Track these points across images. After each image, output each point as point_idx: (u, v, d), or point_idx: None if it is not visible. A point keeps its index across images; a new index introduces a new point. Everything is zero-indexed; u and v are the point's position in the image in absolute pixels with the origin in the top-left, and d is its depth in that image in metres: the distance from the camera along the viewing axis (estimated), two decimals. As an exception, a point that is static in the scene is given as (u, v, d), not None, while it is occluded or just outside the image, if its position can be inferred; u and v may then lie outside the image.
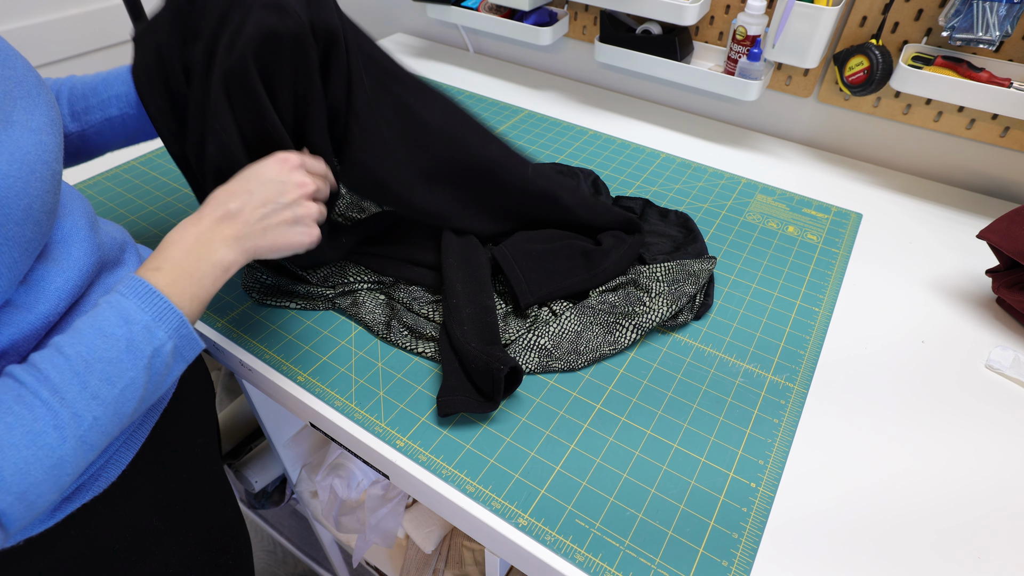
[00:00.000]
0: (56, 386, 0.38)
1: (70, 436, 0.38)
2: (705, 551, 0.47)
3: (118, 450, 0.50)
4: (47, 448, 0.37)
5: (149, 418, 0.54)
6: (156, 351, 0.42)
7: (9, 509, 0.36)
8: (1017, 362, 0.63)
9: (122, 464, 0.50)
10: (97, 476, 0.49)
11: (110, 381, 0.40)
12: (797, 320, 0.68)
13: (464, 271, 0.66)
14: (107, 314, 0.41)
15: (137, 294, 0.42)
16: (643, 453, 0.54)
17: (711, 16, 0.98)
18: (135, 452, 0.52)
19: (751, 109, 1.04)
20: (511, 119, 1.05)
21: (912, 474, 0.53)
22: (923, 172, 0.94)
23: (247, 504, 1.26)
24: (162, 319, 0.42)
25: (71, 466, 0.38)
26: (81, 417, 0.38)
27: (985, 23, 0.73)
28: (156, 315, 0.42)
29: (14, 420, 0.36)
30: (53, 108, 0.45)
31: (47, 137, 0.42)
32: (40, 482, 0.37)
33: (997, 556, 0.48)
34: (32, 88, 0.44)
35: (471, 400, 0.56)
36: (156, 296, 0.43)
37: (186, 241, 0.46)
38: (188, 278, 0.45)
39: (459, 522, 0.53)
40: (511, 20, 1.11)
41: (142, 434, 0.53)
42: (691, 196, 0.87)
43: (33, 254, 0.41)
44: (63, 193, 0.51)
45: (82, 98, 0.60)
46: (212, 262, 0.46)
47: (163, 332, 0.42)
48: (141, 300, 0.42)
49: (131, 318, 0.41)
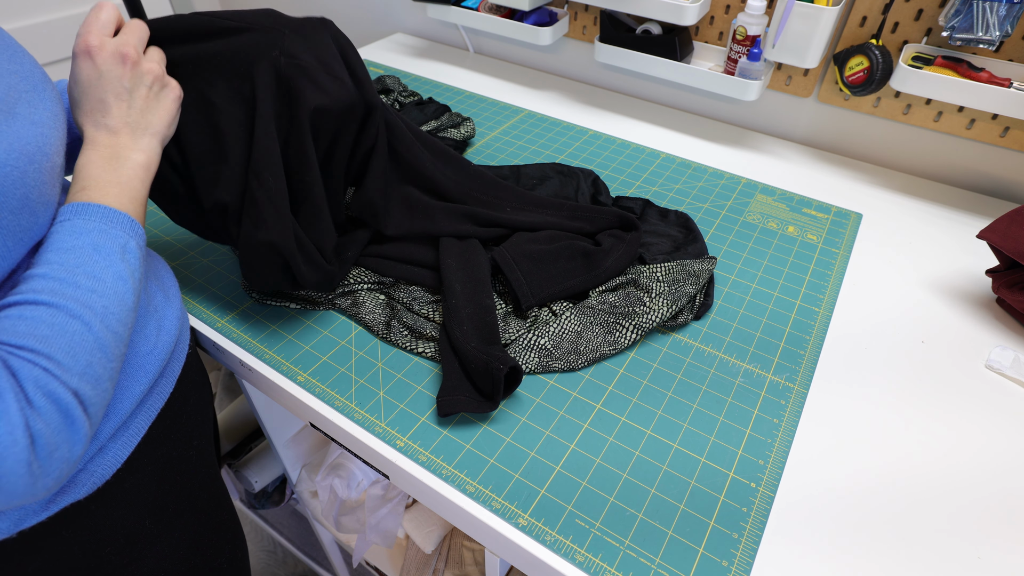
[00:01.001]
0: (53, 291, 0.39)
1: (92, 322, 0.40)
2: (705, 551, 0.47)
3: (108, 443, 0.50)
4: (79, 335, 0.39)
5: (144, 417, 0.53)
6: (123, 247, 0.44)
7: (80, 388, 0.38)
8: (1017, 362, 0.63)
9: (116, 462, 0.50)
10: (90, 471, 0.48)
11: (97, 277, 0.41)
12: (797, 320, 0.68)
13: (463, 271, 0.66)
14: (58, 236, 0.42)
15: (76, 213, 0.44)
16: (643, 453, 0.54)
17: (711, 16, 0.98)
18: (130, 451, 0.51)
19: (751, 109, 1.04)
20: (511, 119, 1.05)
21: (912, 474, 0.53)
22: (923, 172, 0.94)
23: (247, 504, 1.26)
24: (111, 221, 0.44)
25: (109, 350, 0.41)
26: (92, 307, 0.40)
27: (985, 23, 0.73)
28: (103, 219, 0.44)
29: (33, 322, 0.37)
30: (57, 104, 0.46)
31: (49, 131, 0.43)
32: (91, 363, 0.39)
33: (997, 557, 0.48)
34: (38, 83, 0.45)
35: (471, 400, 0.56)
36: (94, 207, 0.44)
37: (95, 160, 0.47)
38: (116, 186, 0.46)
39: (459, 522, 0.53)
40: (511, 20, 1.11)
41: (136, 432, 0.52)
42: (691, 196, 0.87)
43: (28, 244, 0.42)
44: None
45: None
46: (131, 165, 0.48)
47: (119, 232, 0.44)
48: (83, 216, 0.44)
49: (80, 230, 0.43)
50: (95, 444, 0.48)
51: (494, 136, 1.00)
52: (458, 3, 1.15)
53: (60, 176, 0.45)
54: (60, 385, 0.37)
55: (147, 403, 0.54)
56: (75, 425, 0.38)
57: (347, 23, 1.49)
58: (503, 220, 0.72)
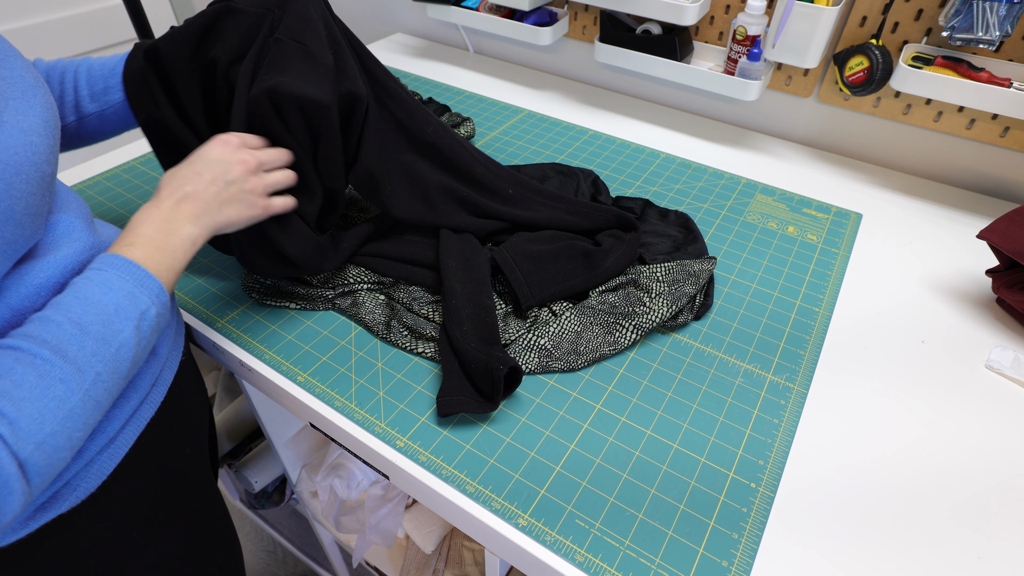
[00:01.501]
0: (55, 346, 0.39)
1: (76, 389, 0.39)
2: (705, 551, 0.47)
3: (95, 458, 0.48)
4: (57, 400, 0.38)
5: (132, 429, 0.52)
6: (142, 314, 0.44)
7: (30, 458, 0.36)
8: (1017, 362, 0.63)
9: (102, 474, 0.49)
10: (74, 486, 0.47)
11: (105, 341, 0.41)
12: (797, 320, 0.68)
13: (463, 272, 0.65)
14: (88, 285, 0.42)
15: (115, 266, 0.44)
16: (643, 453, 0.54)
17: (711, 16, 0.98)
18: (116, 463, 0.50)
19: (751, 109, 1.04)
20: (511, 119, 1.05)
21: (912, 474, 0.53)
22: (923, 172, 0.94)
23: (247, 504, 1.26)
24: (143, 286, 0.44)
25: (81, 420, 0.39)
26: (84, 372, 0.40)
27: (985, 23, 0.73)
28: (136, 283, 0.44)
29: (21, 377, 0.37)
30: (49, 110, 0.45)
31: (38, 139, 0.43)
32: (55, 433, 0.38)
33: (997, 556, 0.48)
34: (28, 89, 0.44)
35: (471, 400, 0.56)
36: (134, 266, 0.45)
37: (153, 221, 0.49)
38: (161, 251, 0.47)
39: (459, 522, 0.53)
40: (511, 20, 1.11)
41: (124, 444, 0.51)
42: (691, 196, 0.87)
43: (13, 257, 0.41)
44: (60, 193, 0.50)
45: (100, 79, 0.62)
46: (180, 236, 0.49)
47: (146, 298, 0.44)
48: (120, 271, 0.44)
49: (112, 286, 0.43)
50: (80, 460, 0.47)
51: (494, 136, 1.00)
52: (458, 3, 1.15)
53: (51, 186, 0.45)
54: (6, 453, 0.35)
55: (136, 416, 0.53)
56: (7, 495, 0.35)
57: (347, 23, 1.49)
58: (502, 213, 0.72)
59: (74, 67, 0.62)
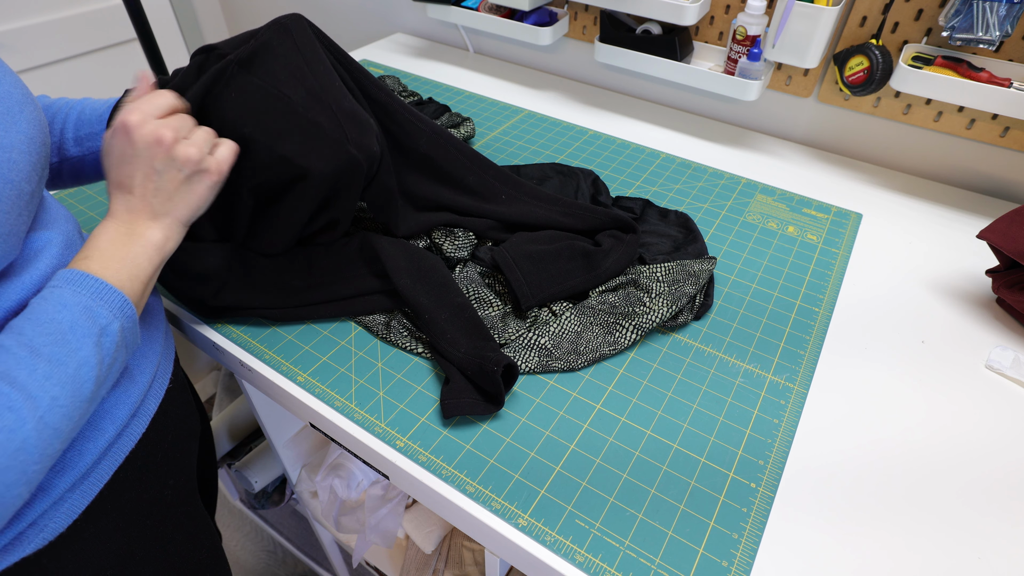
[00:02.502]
0: (3, 372, 0.36)
1: (29, 417, 0.36)
2: (705, 551, 0.47)
3: (65, 495, 0.45)
4: (6, 431, 0.35)
5: (108, 464, 0.48)
6: (103, 330, 0.41)
7: None
8: (1017, 362, 0.63)
9: (72, 513, 0.46)
10: (41, 526, 0.44)
11: (60, 362, 0.38)
12: (797, 320, 0.68)
13: (422, 283, 0.63)
14: (42, 305, 0.40)
15: (70, 281, 0.42)
16: (643, 453, 0.54)
17: (711, 16, 0.98)
18: (89, 500, 0.47)
19: (751, 109, 1.04)
20: (511, 119, 1.05)
21: (912, 473, 0.53)
22: (923, 172, 0.94)
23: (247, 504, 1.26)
24: (101, 299, 0.42)
25: (36, 451, 0.37)
26: (37, 398, 0.37)
27: (985, 23, 0.73)
28: (94, 296, 0.42)
29: None
30: (35, 127, 0.44)
31: (19, 156, 0.41)
32: (7, 468, 0.35)
33: (997, 560, 0.48)
34: (13, 106, 0.43)
35: (476, 403, 0.56)
36: (90, 279, 0.42)
37: (108, 232, 0.46)
38: (120, 261, 0.45)
39: (459, 522, 0.53)
40: (511, 20, 1.11)
41: (98, 480, 0.47)
42: (691, 196, 0.87)
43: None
44: (47, 209, 0.49)
45: (87, 124, 0.60)
46: (142, 243, 0.47)
47: (106, 312, 0.42)
48: (75, 286, 0.42)
49: (67, 302, 0.40)
50: (47, 498, 0.44)
51: (494, 136, 1.00)
52: (458, 3, 1.15)
53: (29, 204, 0.43)
54: None
55: (113, 450, 0.49)
56: None
57: (347, 23, 1.49)
58: (494, 214, 0.72)
59: (67, 108, 0.61)
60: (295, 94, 0.55)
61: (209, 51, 0.56)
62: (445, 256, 0.70)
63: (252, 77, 0.54)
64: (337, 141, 0.56)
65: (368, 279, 0.66)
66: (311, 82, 0.57)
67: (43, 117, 0.47)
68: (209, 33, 1.78)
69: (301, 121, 0.55)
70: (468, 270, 0.70)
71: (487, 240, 0.73)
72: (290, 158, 0.55)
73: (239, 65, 0.55)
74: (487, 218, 0.72)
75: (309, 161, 0.56)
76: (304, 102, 0.55)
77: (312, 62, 0.58)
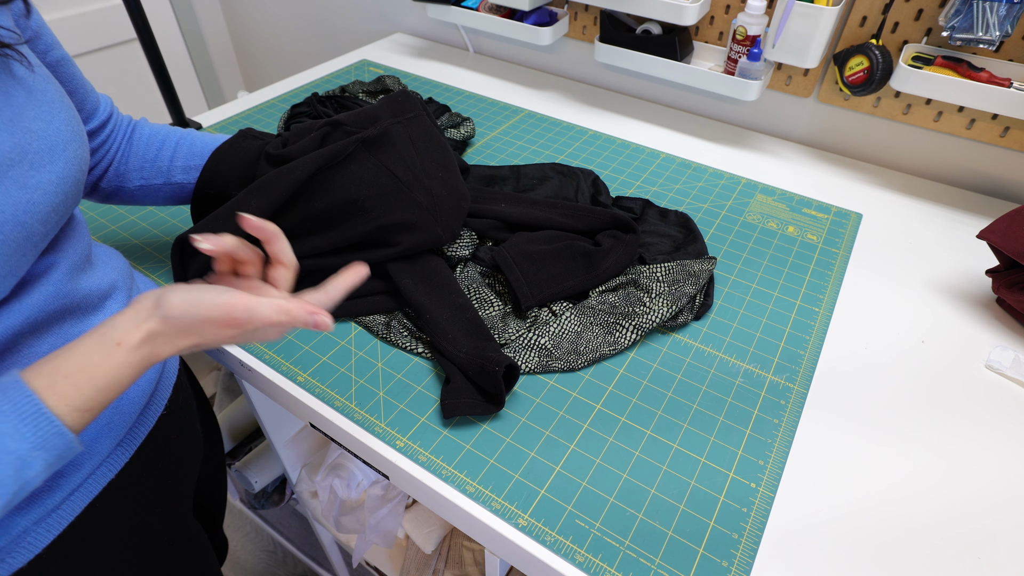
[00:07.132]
0: None
1: None
2: (705, 551, 0.47)
3: (31, 527, 0.42)
4: None
5: (79, 498, 0.44)
6: (22, 461, 0.34)
7: None
8: (1017, 362, 0.63)
9: (34, 549, 0.42)
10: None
11: None
12: (797, 320, 0.68)
13: (423, 284, 0.64)
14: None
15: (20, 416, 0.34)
16: (643, 453, 0.54)
17: (711, 16, 0.98)
18: (55, 535, 0.43)
19: (751, 109, 1.04)
20: (511, 119, 1.05)
21: (912, 475, 0.53)
22: (923, 172, 0.94)
23: (247, 504, 1.26)
24: (28, 423, 0.34)
25: None
26: None
27: (985, 23, 0.73)
28: (20, 419, 0.34)
29: None
30: (73, 165, 0.42)
31: (41, 197, 0.39)
32: None
33: (997, 560, 0.48)
34: (57, 144, 0.41)
35: (477, 403, 0.56)
36: (23, 398, 0.35)
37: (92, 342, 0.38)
38: (81, 376, 0.36)
39: (459, 522, 0.53)
40: (511, 20, 1.11)
41: (67, 514, 0.43)
42: (691, 196, 0.87)
43: None
44: (76, 226, 0.47)
45: (197, 156, 0.63)
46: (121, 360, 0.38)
47: (28, 443, 0.34)
48: (24, 422, 0.34)
49: (6, 447, 0.34)
50: (6, 535, 0.40)
51: (494, 136, 1.00)
52: (458, 3, 1.15)
53: (40, 244, 0.41)
54: None
55: (88, 483, 0.45)
56: None
57: (347, 23, 1.49)
58: (495, 212, 0.72)
59: (177, 136, 0.63)
60: (403, 174, 0.64)
61: (336, 126, 0.63)
62: (446, 256, 0.70)
63: (370, 155, 0.63)
64: (430, 220, 0.65)
65: (370, 280, 0.66)
66: (416, 164, 0.65)
67: (85, 158, 0.44)
68: (209, 33, 1.78)
69: (404, 198, 0.63)
70: (469, 270, 0.70)
71: (488, 240, 0.73)
72: (386, 226, 0.63)
73: (363, 144, 0.62)
74: (488, 218, 0.72)
75: (401, 234, 0.64)
76: (409, 182, 0.64)
77: (417, 141, 0.67)
